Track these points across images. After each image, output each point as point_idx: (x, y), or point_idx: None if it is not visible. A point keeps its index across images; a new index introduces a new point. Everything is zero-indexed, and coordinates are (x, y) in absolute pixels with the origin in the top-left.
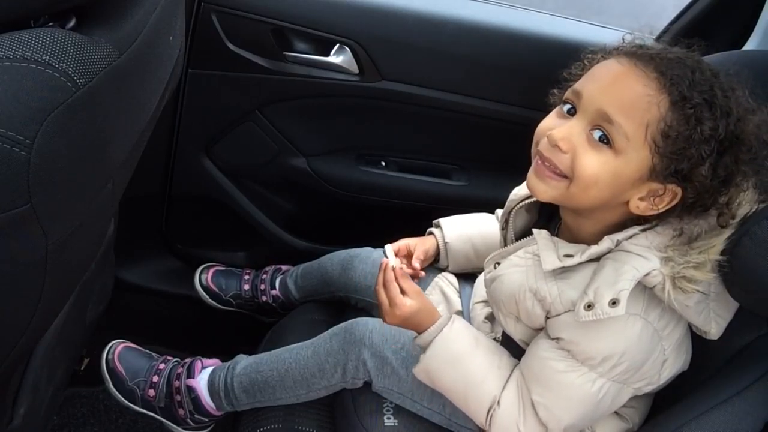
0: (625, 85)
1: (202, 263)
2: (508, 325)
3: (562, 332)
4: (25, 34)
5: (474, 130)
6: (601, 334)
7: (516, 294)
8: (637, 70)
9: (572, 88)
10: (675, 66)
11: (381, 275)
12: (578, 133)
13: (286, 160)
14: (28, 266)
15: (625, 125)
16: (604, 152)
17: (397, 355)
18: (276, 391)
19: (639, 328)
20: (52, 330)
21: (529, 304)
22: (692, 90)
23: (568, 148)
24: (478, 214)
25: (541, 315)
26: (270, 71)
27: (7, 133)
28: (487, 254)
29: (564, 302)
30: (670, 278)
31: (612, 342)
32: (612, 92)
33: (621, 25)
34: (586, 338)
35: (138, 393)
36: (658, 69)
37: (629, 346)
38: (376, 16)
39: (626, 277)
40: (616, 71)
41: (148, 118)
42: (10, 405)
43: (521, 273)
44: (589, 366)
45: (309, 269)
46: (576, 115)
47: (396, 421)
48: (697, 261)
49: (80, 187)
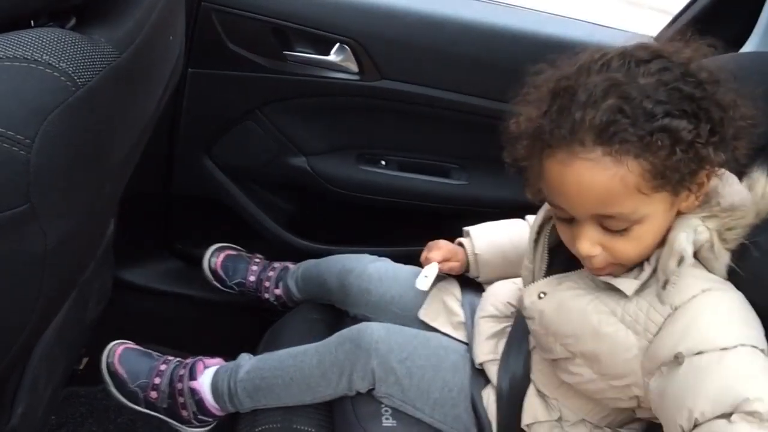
0: (589, 184)
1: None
2: (574, 366)
3: (681, 333)
4: (25, 34)
5: (474, 129)
6: (712, 308)
7: (596, 324)
8: (585, 159)
9: (551, 203)
10: (612, 122)
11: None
12: (596, 233)
13: (286, 159)
14: (28, 266)
15: (624, 207)
16: (630, 232)
17: (402, 365)
18: (281, 397)
19: (737, 294)
20: (51, 329)
21: (611, 330)
22: (642, 121)
23: (601, 249)
24: (509, 221)
25: (631, 347)
26: (270, 71)
27: (6, 132)
28: (518, 263)
29: (660, 309)
30: (716, 232)
31: (723, 314)
32: (586, 197)
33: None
34: (705, 321)
35: (140, 395)
36: (599, 143)
37: (739, 311)
38: (376, 15)
39: (680, 240)
40: (570, 174)
41: (148, 117)
42: (8, 404)
43: (588, 297)
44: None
45: (309, 274)
46: (577, 220)
47: (395, 422)
48: (741, 215)
49: (80, 187)
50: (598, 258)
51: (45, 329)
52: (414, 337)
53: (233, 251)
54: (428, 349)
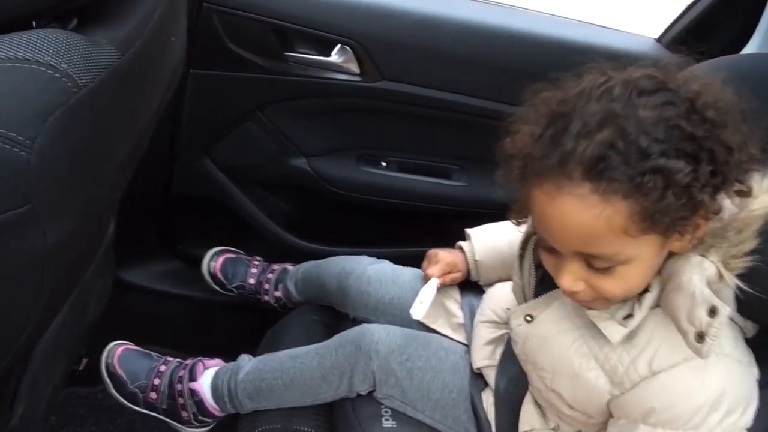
0: (573, 221)
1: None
2: (549, 397)
3: (651, 402)
4: (26, 35)
5: (474, 130)
6: (690, 384)
7: (572, 363)
8: (570, 194)
9: (537, 231)
10: (603, 157)
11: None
12: (579, 269)
13: (286, 160)
14: (28, 266)
15: (608, 248)
16: (614, 271)
17: (403, 367)
18: (281, 399)
19: (723, 364)
20: (52, 330)
21: (592, 375)
22: (635, 160)
23: (585, 285)
24: (508, 222)
25: (603, 391)
26: (271, 71)
27: (7, 133)
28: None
29: (640, 370)
30: (722, 263)
31: (708, 388)
32: (569, 234)
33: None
34: (680, 395)
35: (140, 396)
36: (587, 178)
37: (726, 385)
38: (376, 16)
39: (696, 285)
40: (553, 209)
41: (149, 118)
42: (8, 405)
43: (573, 335)
44: (702, 428)
45: (308, 276)
46: (562, 254)
47: (394, 423)
48: (737, 240)
49: (80, 188)
50: (581, 293)
51: (45, 330)
52: (414, 339)
53: (232, 254)
54: (428, 351)
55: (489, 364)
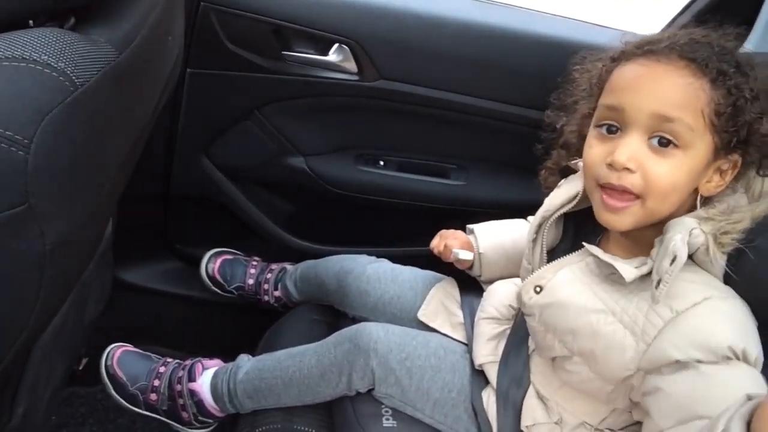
0: (666, 83)
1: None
2: (572, 365)
3: (683, 342)
4: (23, 34)
5: (473, 130)
6: (717, 318)
7: (594, 323)
8: (667, 65)
9: (605, 105)
10: (696, 48)
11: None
12: (639, 146)
13: (284, 159)
14: (26, 266)
15: (686, 117)
16: (671, 154)
17: (402, 366)
18: (281, 398)
19: (742, 304)
20: (51, 330)
21: (610, 330)
22: (721, 63)
23: (637, 166)
24: (512, 220)
25: (625, 347)
26: (269, 71)
27: (5, 132)
28: (519, 262)
29: (661, 312)
30: (712, 236)
31: (733, 319)
32: (657, 94)
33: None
34: (709, 331)
35: (140, 397)
36: (683, 57)
37: (749, 323)
38: (375, 15)
39: (675, 241)
40: (647, 74)
41: (147, 118)
42: (8, 405)
43: (587, 294)
44: (740, 356)
45: (307, 276)
46: (625, 131)
47: (395, 423)
48: (737, 218)
49: (79, 187)
50: (630, 178)
51: (45, 329)
52: (413, 338)
53: (229, 255)
54: (428, 350)
55: (492, 360)
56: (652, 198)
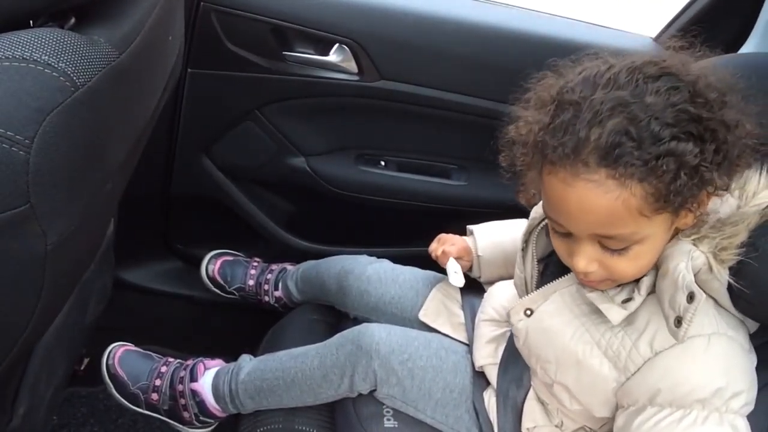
0: (592, 205)
1: (201, 263)
2: (554, 391)
3: (657, 383)
4: (24, 34)
5: (474, 130)
6: (693, 362)
7: (576, 351)
8: (587, 181)
9: (549, 217)
10: (619, 141)
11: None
12: (592, 252)
13: (285, 159)
14: (27, 266)
15: (625, 228)
16: (628, 250)
17: (404, 366)
18: (282, 399)
19: (725, 344)
20: (52, 330)
21: (596, 362)
22: (648, 144)
23: (598, 266)
24: (512, 221)
25: (609, 379)
26: (269, 71)
27: (6, 133)
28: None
29: (642, 351)
30: (711, 254)
31: (711, 366)
32: (588, 219)
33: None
34: (684, 374)
35: (141, 397)
36: (602, 163)
37: (728, 366)
38: (375, 15)
39: (681, 271)
40: (573, 196)
41: (147, 117)
42: (9, 405)
43: (574, 325)
44: (708, 406)
45: (308, 276)
46: (576, 237)
47: (396, 423)
48: (731, 232)
49: (79, 187)
50: (594, 274)
51: (45, 330)
52: (415, 339)
53: (230, 256)
54: (429, 350)
55: (491, 362)
56: (625, 280)
